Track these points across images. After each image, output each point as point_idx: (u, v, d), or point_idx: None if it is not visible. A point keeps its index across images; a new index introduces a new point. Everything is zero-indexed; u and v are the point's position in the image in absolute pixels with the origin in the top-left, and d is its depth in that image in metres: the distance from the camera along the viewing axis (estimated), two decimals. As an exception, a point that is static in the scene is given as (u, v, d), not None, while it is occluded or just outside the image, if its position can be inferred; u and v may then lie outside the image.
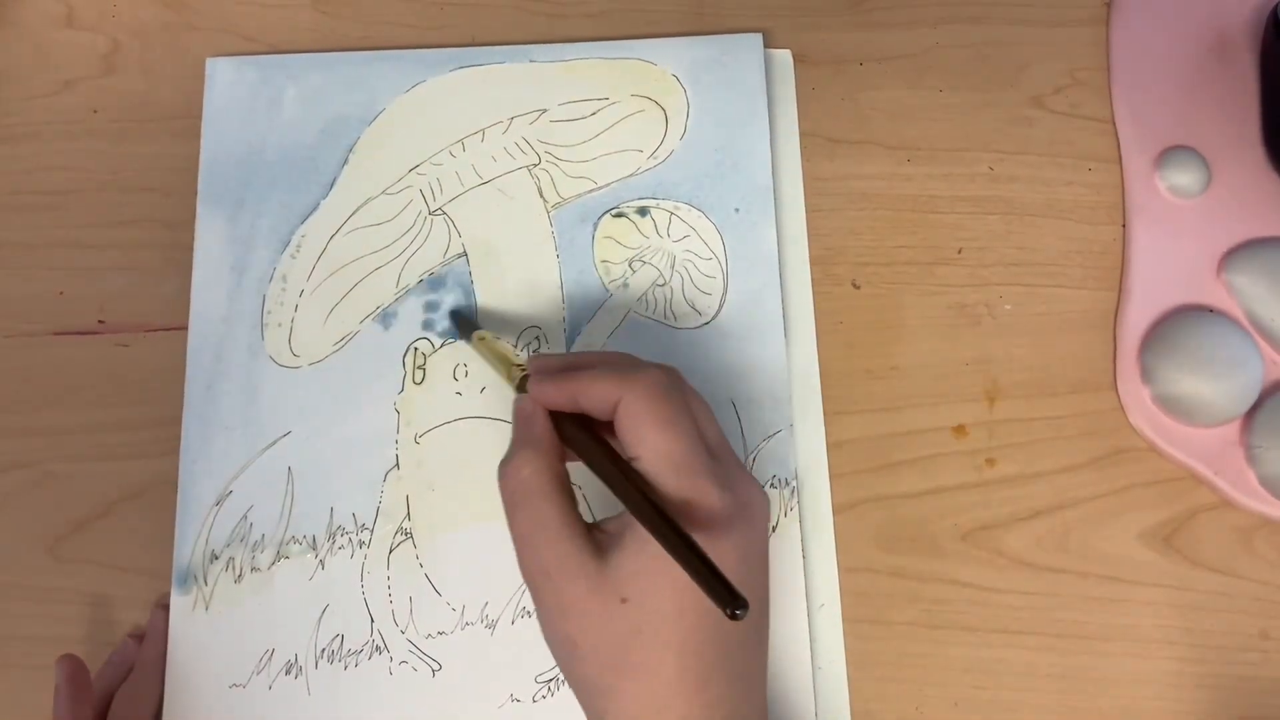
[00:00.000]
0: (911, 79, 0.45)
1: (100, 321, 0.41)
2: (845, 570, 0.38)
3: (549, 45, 0.45)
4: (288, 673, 0.37)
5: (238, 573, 0.38)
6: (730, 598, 0.25)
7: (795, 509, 0.38)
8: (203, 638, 0.37)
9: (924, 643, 0.38)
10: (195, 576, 0.38)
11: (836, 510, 0.39)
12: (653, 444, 0.28)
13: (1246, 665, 0.37)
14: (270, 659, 0.37)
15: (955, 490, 0.39)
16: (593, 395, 0.30)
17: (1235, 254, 0.41)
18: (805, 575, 0.37)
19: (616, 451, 0.30)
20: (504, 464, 0.30)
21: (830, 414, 0.40)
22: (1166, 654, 0.37)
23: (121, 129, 0.44)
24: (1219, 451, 0.39)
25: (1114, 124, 0.44)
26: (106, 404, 0.41)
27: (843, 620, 0.37)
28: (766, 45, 0.44)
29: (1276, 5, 0.44)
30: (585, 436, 0.30)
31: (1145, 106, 0.44)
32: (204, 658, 0.37)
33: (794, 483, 0.38)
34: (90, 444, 0.40)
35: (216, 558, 0.38)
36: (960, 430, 0.40)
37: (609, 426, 0.30)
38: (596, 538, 0.29)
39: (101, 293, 0.41)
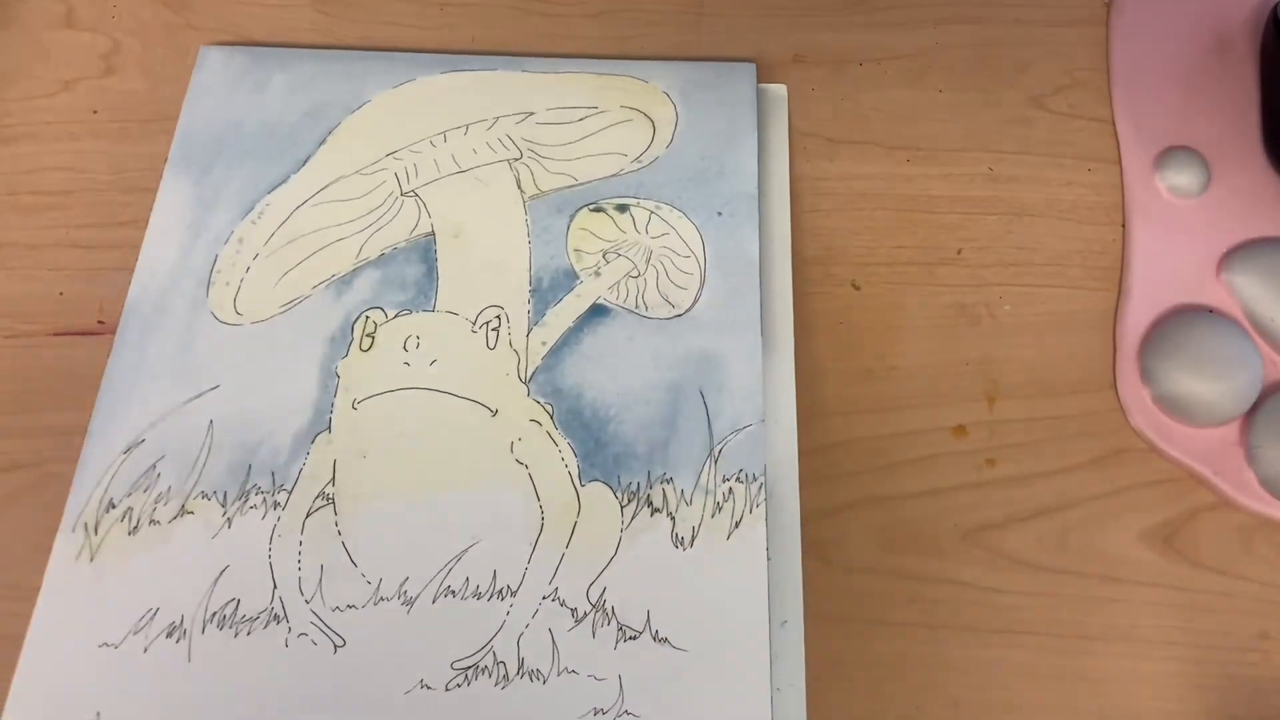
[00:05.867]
0: (911, 79, 0.45)
1: (100, 322, 0.41)
2: (844, 571, 0.38)
3: (542, 59, 0.45)
4: (169, 635, 0.34)
5: (134, 524, 0.35)
6: None
7: (762, 506, 0.36)
8: (78, 591, 0.34)
9: (924, 643, 0.38)
10: (86, 525, 0.35)
11: (835, 512, 0.38)
12: None
13: (1246, 665, 0.37)
14: (152, 619, 0.34)
15: (955, 490, 0.39)
16: None
17: (1235, 254, 0.41)
18: (769, 587, 0.35)
19: None
20: None
21: (830, 414, 0.40)
22: (1166, 654, 0.37)
23: (121, 129, 0.44)
24: (1219, 451, 0.39)
25: (1114, 124, 0.44)
26: (106, 404, 0.40)
27: (843, 621, 0.37)
28: (764, 77, 0.44)
29: (1276, 5, 0.44)
30: None
31: (1145, 106, 0.44)
32: (76, 612, 0.34)
33: (761, 479, 0.37)
34: (90, 444, 0.40)
35: (114, 506, 0.36)
36: (960, 430, 0.40)
37: None
38: None
39: (101, 293, 0.41)
